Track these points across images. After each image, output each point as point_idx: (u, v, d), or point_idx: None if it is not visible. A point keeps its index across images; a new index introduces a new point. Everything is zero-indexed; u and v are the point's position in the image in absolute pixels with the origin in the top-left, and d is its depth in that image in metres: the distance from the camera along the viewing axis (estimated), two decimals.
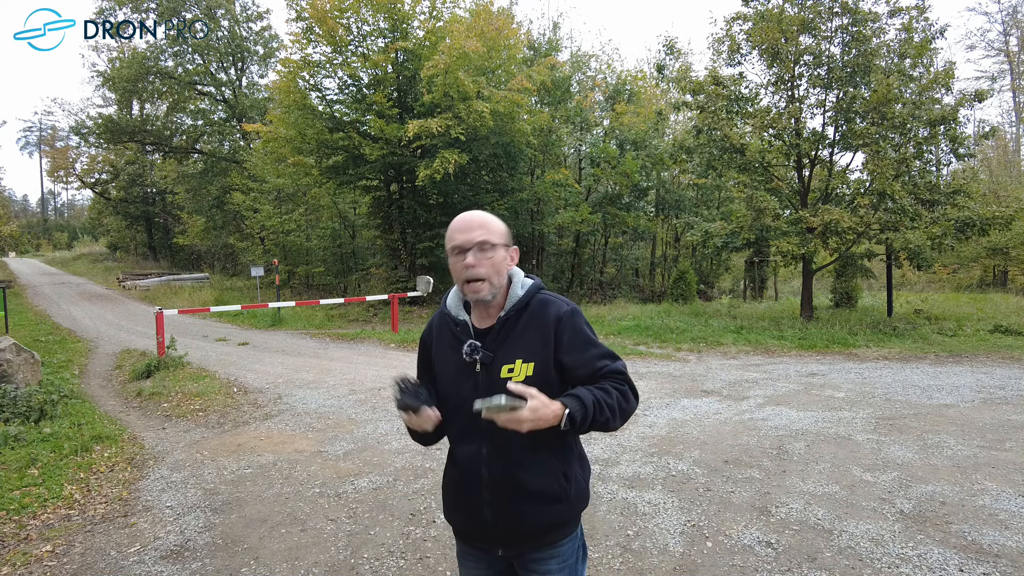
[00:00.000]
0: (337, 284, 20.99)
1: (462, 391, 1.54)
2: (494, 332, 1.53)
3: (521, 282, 1.58)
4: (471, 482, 1.56)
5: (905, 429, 5.12)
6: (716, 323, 11.73)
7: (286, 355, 9.60)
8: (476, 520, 1.58)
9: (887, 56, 11.16)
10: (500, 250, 1.51)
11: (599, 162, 17.96)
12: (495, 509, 1.54)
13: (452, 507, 1.68)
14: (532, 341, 1.52)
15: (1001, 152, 27.55)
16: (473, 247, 1.48)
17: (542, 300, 1.56)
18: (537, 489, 1.53)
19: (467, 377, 1.54)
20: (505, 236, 1.55)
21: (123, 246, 39.19)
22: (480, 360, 1.52)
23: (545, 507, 1.54)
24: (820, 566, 2.95)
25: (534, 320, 1.53)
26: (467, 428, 1.55)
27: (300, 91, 14.79)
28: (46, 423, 5.32)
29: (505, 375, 1.49)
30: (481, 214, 1.54)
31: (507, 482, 1.52)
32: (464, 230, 1.50)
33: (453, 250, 1.51)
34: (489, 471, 1.53)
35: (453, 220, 1.54)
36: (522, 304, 1.54)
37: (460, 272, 1.50)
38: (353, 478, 4.23)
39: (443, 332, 1.64)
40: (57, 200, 70.45)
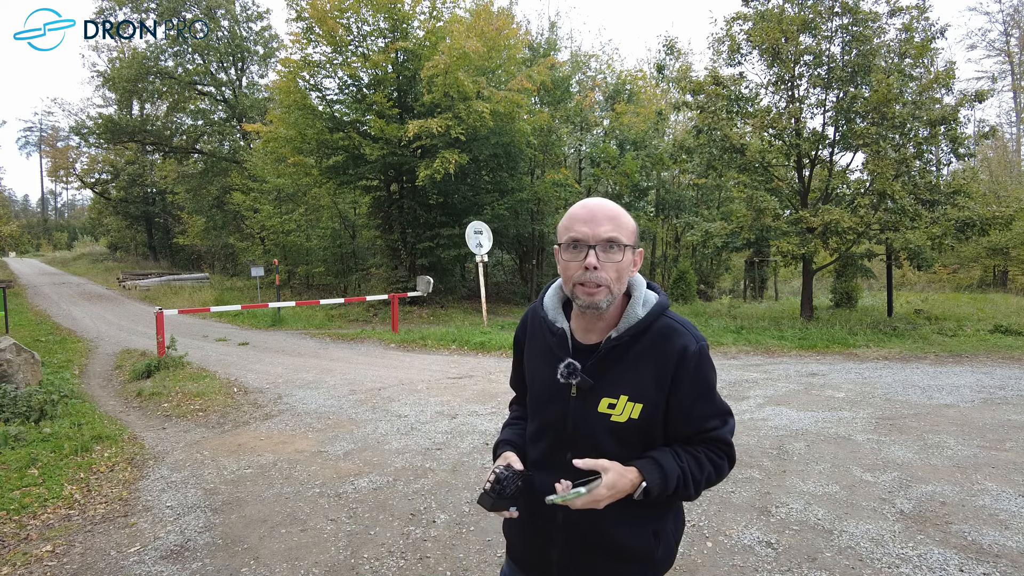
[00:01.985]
0: (337, 284, 21.00)
1: (549, 414, 1.32)
2: (601, 353, 1.27)
3: (643, 298, 1.30)
4: (544, 519, 1.33)
5: (905, 429, 5.12)
6: (716, 323, 11.73)
7: (286, 355, 9.60)
8: (540, 558, 1.37)
9: (887, 56, 11.15)
10: (628, 252, 1.25)
11: (599, 162, 17.98)
12: (566, 557, 1.33)
13: (513, 533, 1.45)
14: (645, 376, 1.26)
15: (1001, 152, 27.55)
16: (599, 244, 1.21)
17: (667, 326, 1.28)
18: (620, 544, 1.29)
19: (557, 400, 1.31)
20: (635, 236, 1.28)
21: (123, 246, 39.23)
22: (577, 385, 1.27)
23: (624, 565, 1.31)
24: (820, 566, 2.95)
25: (653, 350, 1.26)
26: (548, 458, 1.33)
27: (300, 91, 14.79)
28: (46, 423, 5.32)
29: (604, 410, 1.26)
30: (611, 205, 1.26)
31: (583, 530, 1.30)
32: (590, 221, 1.22)
33: (571, 243, 1.23)
34: (565, 512, 1.28)
35: (574, 207, 1.27)
36: (642, 327, 1.26)
37: (574, 271, 1.23)
38: (353, 478, 4.22)
39: (538, 335, 1.38)
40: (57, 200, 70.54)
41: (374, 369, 8.24)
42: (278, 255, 18.86)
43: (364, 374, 7.87)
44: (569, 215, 1.27)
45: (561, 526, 1.32)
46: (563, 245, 1.25)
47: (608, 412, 1.26)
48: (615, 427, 1.26)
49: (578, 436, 1.29)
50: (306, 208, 20.90)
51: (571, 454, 1.27)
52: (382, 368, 8.33)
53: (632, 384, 1.26)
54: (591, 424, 1.27)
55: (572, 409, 1.29)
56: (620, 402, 1.26)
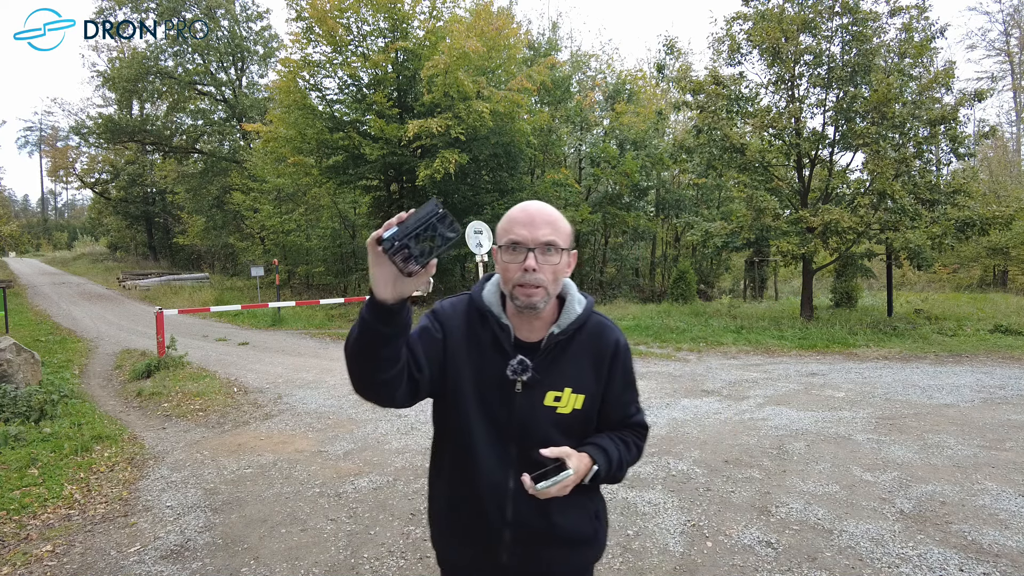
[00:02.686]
0: (337, 284, 21.00)
1: (493, 409, 1.32)
2: (544, 350, 1.31)
3: (578, 298, 1.37)
4: (490, 519, 1.33)
5: (905, 429, 5.12)
6: (716, 323, 11.73)
7: (286, 355, 9.60)
8: (488, 562, 1.36)
9: (887, 56, 11.16)
10: (564, 255, 1.29)
11: (599, 162, 17.98)
12: (517, 553, 1.34)
13: (451, 542, 1.43)
14: (585, 369, 1.33)
15: (1001, 152, 27.56)
16: (538, 247, 1.24)
17: (599, 323, 1.37)
18: (569, 533, 1.35)
19: (501, 396, 1.31)
20: (571, 239, 1.32)
21: (123, 246, 39.23)
22: (525, 381, 1.30)
23: (575, 551, 1.37)
24: (820, 566, 2.95)
25: (590, 345, 1.34)
26: (493, 454, 1.32)
27: (300, 91, 14.80)
28: (46, 423, 5.32)
29: (550, 403, 1.30)
30: (549, 208, 1.29)
31: (534, 523, 1.32)
32: (529, 224, 1.25)
33: (510, 245, 1.26)
34: (514, 509, 1.31)
35: (513, 209, 1.30)
36: (579, 323, 1.33)
37: (514, 272, 1.26)
38: (353, 478, 4.22)
39: (474, 329, 1.36)
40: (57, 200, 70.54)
41: None
42: (278, 255, 18.86)
43: None
44: (508, 218, 1.29)
45: (511, 524, 1.33)
46: (503, 247, 1.28)
47: (554, 405, 1.32)
48: (560, 419, 1.32)
49: (524, 431, 1.32)
50: (306, 208, 20.91)
51: (516, 449, 1.31)
52: None
53: (574, 377, 1.33)
54: (538, 417, 1.31)
55: (518, 403, 1.31)
56: (565, 394, 1.32)
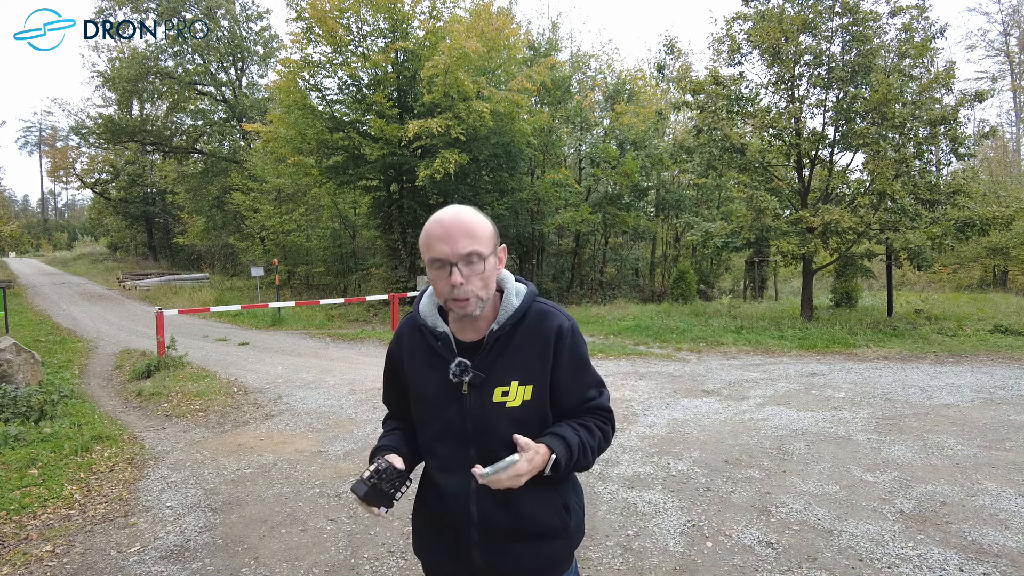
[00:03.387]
0: (337, 284, 21.00)
1: (445, 416, 1.34)
2: (485, 348, 1.32)
3: (515, 290, 1.36)
4: (457, 521, 1.36)
5: (905, 429, 5.12)
6: (716, 323, 11.73)
7: (286, 355, 9.60)
8: (462, 563, 1.38)
9: (887, 56, 11.15)
10: (490, 259, 1.27)
11: (599, 162, 17.98)
12: (487, 551, 1.35)
13: (429, 547, 1.46)
14: (529, 359, 1.32)
15: (1001, 152, 27.56)
16: (459, 260, 1.22)
17: (539, 311, 1.36)
18: (537, 526, 1.35)
19: (452, 400, 1.33)
20: (493, 240, 1.29)
21: (123, 246, 39.24)
22: (469, 382, 1.31)
23: (544, 544, 1.37)
24: (820, 566, 2.95)
25: (531, 334, 1.33)
26: (452, 460, 1.35)
27: (300, 91, 14.79)
28: (46, 423, 5.32)
29: (499, 399, 1.31)
30: (463, 216, 1.25)
31: (502, 520, 1.33)
32: (446, 239, 1.22)
33: (434, 262, 1.24)
34: (479, 509, 1.33)
35: (430, 223, 1.26)
36: (518, 316, 1.33)
37: (443, 288, 1.25)
38: (353, 478, 4.22)
39: (418, 346, 1.40)
40: (57, 200, 70.56)
41: (374, 369, 8.23)
42: (278, 255, 18.86)
43: (364, 374, 7.87)
44: (426, 233, 1.26)
45: (477, 523, 1.34)
46: (427, 263, 1.26)
47: (503, 400, 1.31)
48: (511, 413, 1.32)
49: (478, 430, 1.33)
50: (306, 208, 20.90)
51: (474, 451, 1.32)
52: (382, 368, 8.30)
53: (519, 369, 1.32)
54: (489, 416, 1.31)
55: (468, 406, 1.32)
56: (512, 388, 1.31)
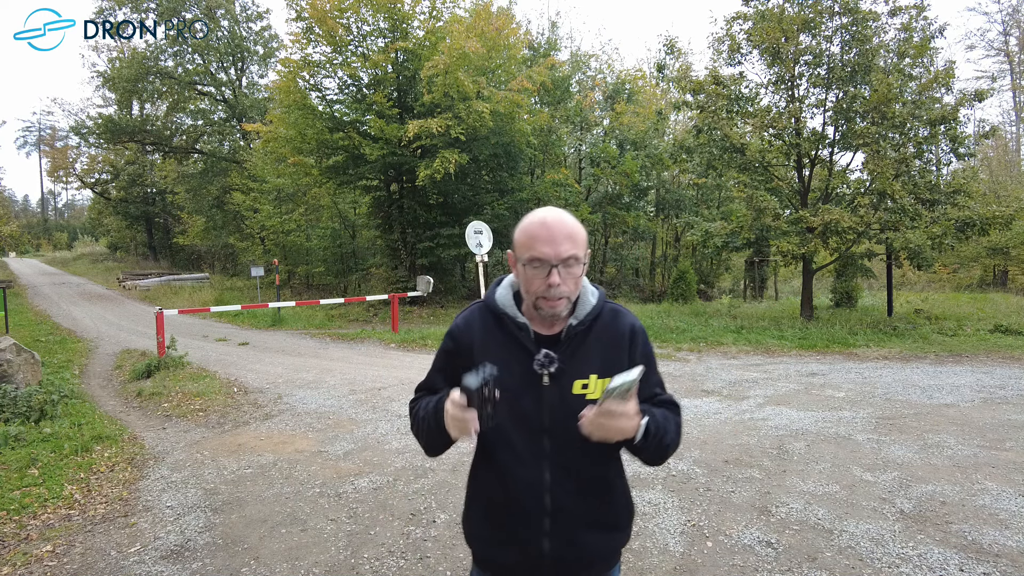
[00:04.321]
0: (337, 284, 21.00)
1: (522, 406, 1.36)
2: (565, 342, 1.37)
3: (591, 289, 1.43)
4: (529, 511, 1.37)
5: (905, 429, 5.12)
6: (716, 323, 11.73)
7: (286, 355, 9.60)
8: (528, 553, 1.39)
9: (887, 55, 11.15)
10: (583, 264, 1.34)
11: (599, 162, 17.97)
12: (558, 541, 1.38)
13: (490, 537, 1.46)
14: (606, 354, 1.38)
15: (1001, 152, 27.55)
16: (560, 263, 1.28)
17: (612, 309, 1.44)
18: (606, 517, 1.42)
19: (530, 390, 1.35)
20: (586, 244, 1.36)
21: (123, 246, 39.24)
22: (552, 373, 1.34)
23: (609, 535, 1.43)
24: (820, 566, 2.95)
25: (606, 331, 1.40)
26: (526, 450, 1.36)
27: (300, 91, 14.79)
28: (46, 423, 5.32)
29: (579, 391, 1.35)
30: (566, 220, 1.31)
31: (576, 510, 1.38)
32: (550, 242, 1.27)
33: (533, 261, 1.29)
34: (553, 499, 1.36)
35: (532, 222, 1.31)
36: (595, 313, 1.40)
37: (538, 286, 1.30)
38: (353, 478, 4.23)
39: (492, 333, 1.41)
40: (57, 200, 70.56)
41: (374, 369, 8.24)
42: (278, 255, 18.86)
43: (364, 374, 7.87)
44: (528, 234, 1.30)
45: (551, 512, 1.37)
46: (524, 261, 1.30)
47: (583, 392, 1.35)
48: (591, 405, 1.34)
49: (555, 421, 1.35)
50: (306, 208, 20.91)
51: (548, 441, 1.36)
52: (382, 368, 8.33)
53: (597, 363, 1.37)
54: (568, 407, 1.33)
55: (547, 397, 1.35)
56: (591, 381, 1.35)
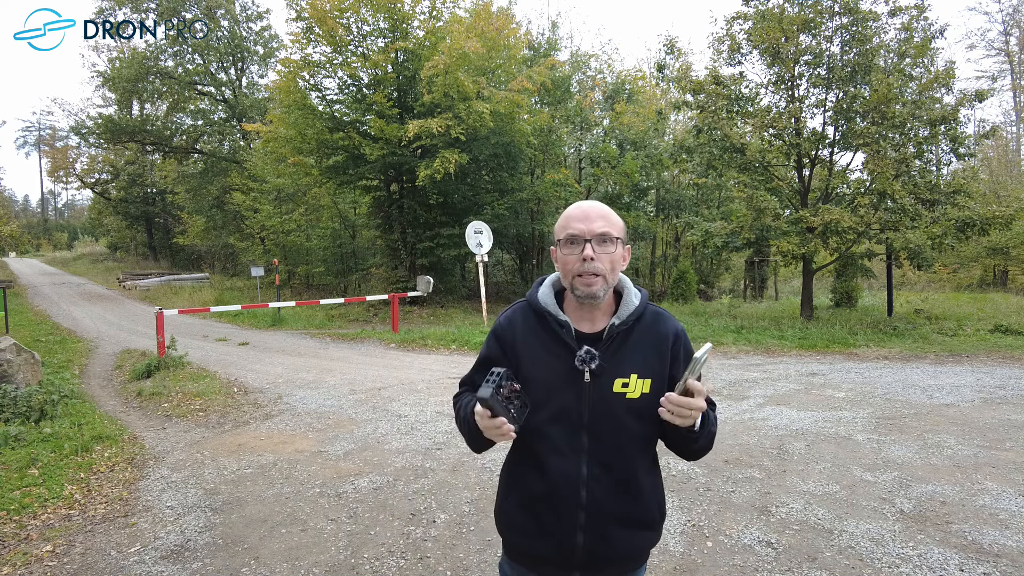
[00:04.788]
0: (337, 284, 20.99)
1: (562, 400, 1.38)
2: (607, 339, 1.39)
3: (634, 291, 1.47)
4: (565, 504, 1.40)
5: (905, 429, 5.12)
6: (716, 323, 11.73)
7: (286, 355, 9.60)
8: (561, 545, 1.42)
9: (887, 56, 11.15)
10: (619, 245, 1.39)
11: (599, 162, 17.97)
12: (592, 535, 1.40)
13: (527, 529, 1.47)
14: (648, 355, 1.41)
15: (1001, 152, 27.55)
16: (594, 238, 1.35)
17: (655, 312, 1.48)
18: (641, 514, 1.44)
19: (571, 386, 1.38)
20: (624, 232, 1.42)
21: (123, 246, 39.23)
22: (593, 370, 1.37)
23: (641, 533, 1.45)
24: (820, 566, 2.95)
25: (648, 332, 1.43)
26: (565, 445, 1.39)
27: (300, 91, 14.79)
28: (46, 423, 5.32)
29: (619, 389, 1.37)
30: (600, 204, 1.41)
31: (611, 506, 1.40)
32: (583, 219, 1.37)
33: (568, 239, 1.37)
34: (589, 493, 1.39)
35: (570, 208, 1.42)
36: (637, 314, 1.42)
37: (573, 264, 1.36)
38: (353, 478, 4.23)
39: (534, 330, 1.45)
40: (57, 200, 70.55)
41: (374, 369, 8.24)
42: (278, 255, 18.85)
43: (364, 374, 7.87)
44: (566, 215, 1.41)
45: (586, 506, 1.39)
46: (562, 242, 1.39)
47: (623, 391, 1.38)
48: (631, 404, 1.38)
49: (595, 418, 1.38)
50: (306, 208, 20.89)
51: (587, 437, 1.38)
52: (382, 368, 8.33)
53: (638, 363, 1.40)
54: (608, 405, 1.37)
55: (588, 393, 1.38)
56: (632, 380, 1.38)
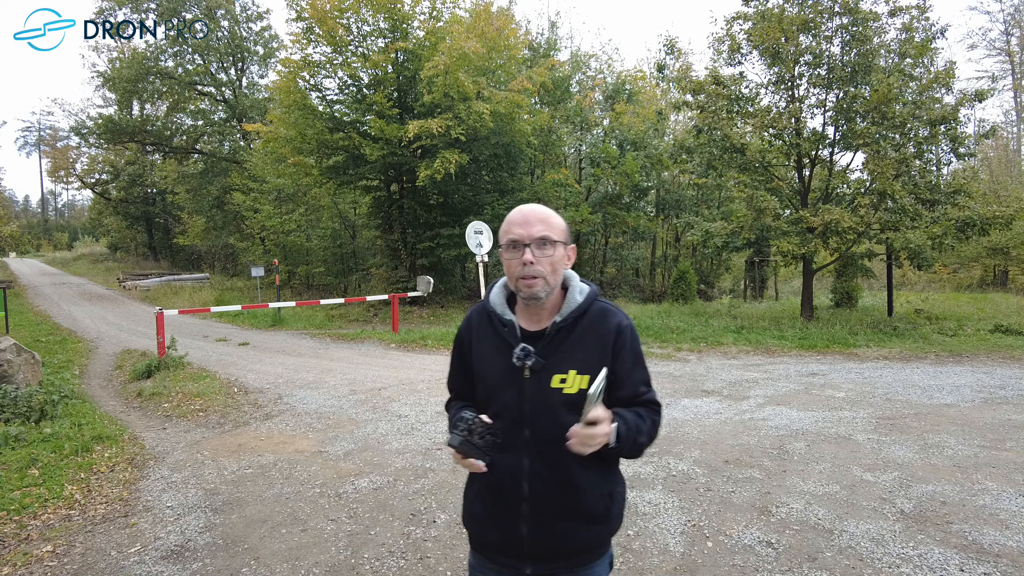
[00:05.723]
0: (337, 284, 20.99)
1: (504, 397, 1.44)
2: (547, 337, 1.43)
3: (579, 287, 1.49)
4: (508, 495, 1.45)
5: (905, 429, 5.12)
6: (716, 323, 11.72)
7: (286, 355, 9.60)
8: (508, 535, 1.47)
9: (887, 56, 11.15)
10: (560, 248, 1.42)
11: (599, 162, 17.97)
12: (533, 526, 1.44)
13: (480, 518, 1.54)
14: (588, 351, 1.43)
15: (1001, 151, 27.54)
16: (532, 242, 1.39)
17: (601, 308, 1.48)
18: (582, 508, 1.45)
19: (512, 383, 1.43)
20: (565, 234, 1.45)
21: (123, 246, 39.23)
22: (531, 367, 1.41)
23: (587, 527, 1.46)
24: (821, 566, 2.95)
25: (592, 329, 1.45)
26: (507, 438, 1.43)
27: (300, 91, 14.78)
28: (46, 423, 5.32)
29: (556, 385, 1.41)
30: (542, 208, 1.44)
31: (551, 499, 1.43)
32: (523, 224, 1.40)
33: (510, 244, 1.41)
34: (530, 485, 1.43)
35: (511, 213, 1.45)
36: (580, 311, 1.45)
37: (515, 267, 1.41)
38: (353, 478, 4.23)
39: (485, 331, 1.52)
40: (57, 200, 70.57)
41: (374, 369, 8.24)
42: (278, 255, 18.85)
43: (364, 374, 7.87)
44: (507, 220, 1.44)
45: (528, 498, 1.43)
46: (503, 247, 1.44)
47: (560, 387, 1.41)
48: (568, 399, 1.41)
49: (535, 413, 1.43)
50: (306, 208, 20.89)
51: (529, 431, 1.42)
52: (382, 368, 8.33)
53: (578, 359, 1.43)
54: (546, 400, 1.41)
55: (527, 389, 1.42)
56: (570, 376, 1.41)
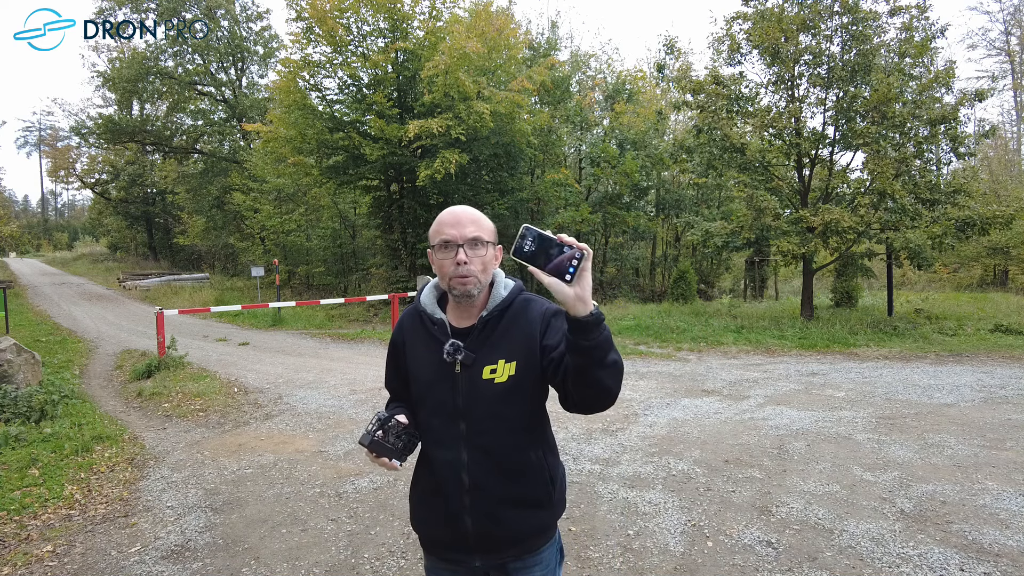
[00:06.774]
0: (337, 284, 20.99)
1: (439, 393, 1.49)
2: (475, 332, 1.48)
3: (504, 282, 1.55)
4: (449, 490, 1.50)
5: (906, 428, 5.12)
6: (716, 323, 11.72)
7: (286, 355, 9.60)
8: (454, 530, 1.51)
9: (887, 55, 11.15)
10: (490, 248, 1.47)
11: (599, 162, 17.96)
12: (476, 517, 1.48)
13: (425, 518, 1.59)
14: (515, 340, 1.48)
15: (1001, 151, 27.52)
16: (465, 243, 1.43)
17: (526, 300, 1.53)
18: (522, 494, 1.49)
19: (445, 379, 1.48)
20: (494, 234, 1.51)
21: (123, 246, 39.22)
22: (461, 361, 1.46)
23: (530, 513, 1.51)
24: (821, 566, 2.95)
25: (518, 319, 1.50)
26: (444, 434, 1.50)
27: (300, 91, 14.78)
28: (47, 423, 5.32)
29: (487, 376, 1.46)
30: (471, 210, 1.49)
31: (492, 488, 1.47)
32: (455, 225, 1.44)
33: (442, 244, 1.45)
34: (470, 477, 1.48)
35: (442, 214, 1.49)
36: (505, 304, 1.50)
37: (448, 268, 1.44)
38: (354, 478, 4.23)
39: (417, 331, 1.58)
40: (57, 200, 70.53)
41: (374, 369, 8.24)
42: (278, 255, 18.86)
43: (364, 374, 7.87)
44: (438, 221, 1.47)
45: (469, 489, 1.48)
46: (436, 247, 1.46)
47: (491, 377, 1.46)
48: (498, 388, 1.46)
49: (468, 406, 1.47)
50: (306, 208, 20.88)
51: (464, 425, 1.47)
52: (382, 368, 8.28)
53: (505, 349, 1.47)
54: (479, 391, 1.45)
55: (459, 383, 1.47)
56: (499, 366, 1.46)
